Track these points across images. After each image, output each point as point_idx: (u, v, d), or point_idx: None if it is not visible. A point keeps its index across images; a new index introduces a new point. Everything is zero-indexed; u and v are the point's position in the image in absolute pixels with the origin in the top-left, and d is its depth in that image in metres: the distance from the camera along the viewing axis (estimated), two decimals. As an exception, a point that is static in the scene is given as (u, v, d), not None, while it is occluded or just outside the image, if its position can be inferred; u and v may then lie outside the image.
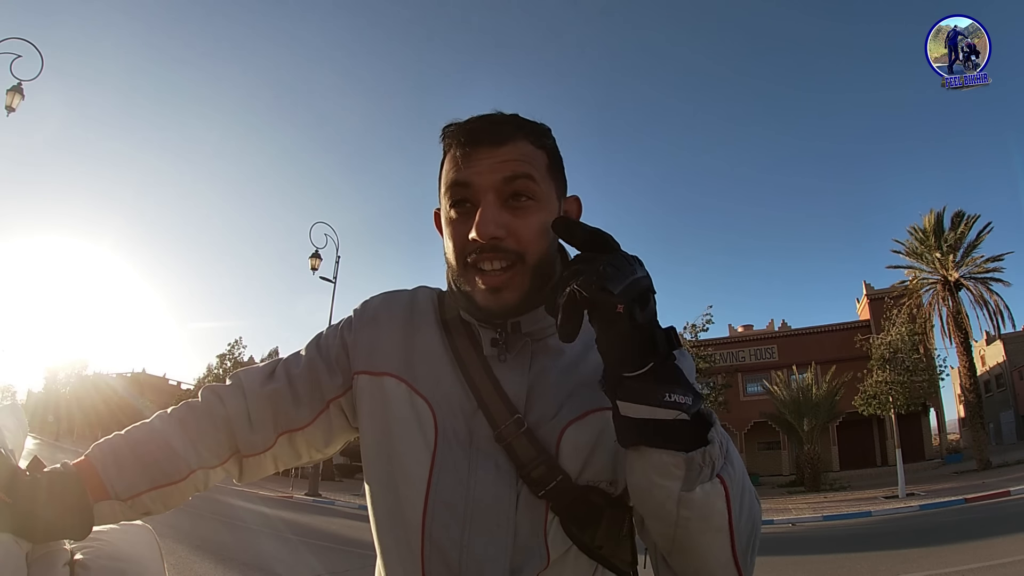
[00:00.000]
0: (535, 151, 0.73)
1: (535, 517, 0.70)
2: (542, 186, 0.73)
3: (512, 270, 0.70)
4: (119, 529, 0.77)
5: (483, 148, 0.71)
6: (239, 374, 0.84)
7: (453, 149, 0.73)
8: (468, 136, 0.72)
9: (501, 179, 0.70)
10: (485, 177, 0.70)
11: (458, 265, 0.73)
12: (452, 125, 0.75)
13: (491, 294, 0.71)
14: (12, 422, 0.73)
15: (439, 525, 0.70)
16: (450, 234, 0.74)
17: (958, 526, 9.06)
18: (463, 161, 0.71)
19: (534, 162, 0.73)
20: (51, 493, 0.65)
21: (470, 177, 0.71)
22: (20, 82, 9.76)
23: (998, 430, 32.96)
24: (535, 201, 0.72)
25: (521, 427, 0.70)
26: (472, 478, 0.70)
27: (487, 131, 0.72)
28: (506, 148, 0.71)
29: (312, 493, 19.10)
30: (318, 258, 18.51)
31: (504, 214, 0.70)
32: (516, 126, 0.73)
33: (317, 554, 7.66)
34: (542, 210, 0.72)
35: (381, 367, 0.77)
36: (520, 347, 0.75)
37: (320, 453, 0.85)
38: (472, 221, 0.70)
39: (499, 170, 0.70)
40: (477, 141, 0.71)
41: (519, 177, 0.71)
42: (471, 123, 0.74)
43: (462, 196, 0.72)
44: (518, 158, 0.71)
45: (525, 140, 0.73)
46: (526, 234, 0.70)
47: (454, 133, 0.74)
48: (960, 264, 23.08)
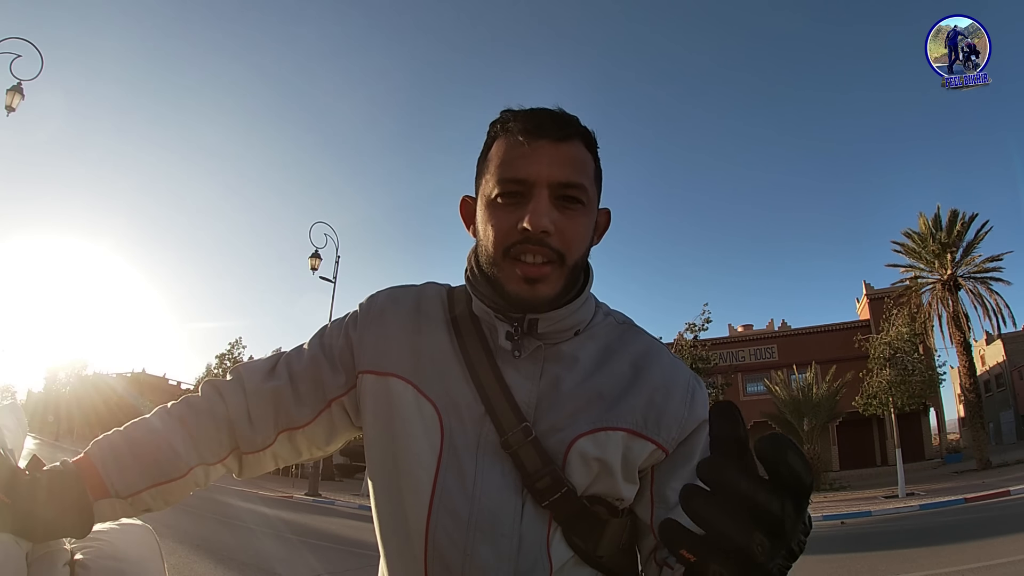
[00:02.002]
0: (588, 156, 0.74)
1: (539, 526, 0.69)
2: (590, 192, 0.73)
3: (551, 266, 0.70)
4: (119, 529, 0.77)
5: (546, 140, 0.70)
6: (240, 369, 0.83)
7: (511, 135, 0.72)
8: (533, 126, 0.71)
9: (558, 180, 0.70)
10: (544, 172, 0.69)
11: (496, 252, 0.71)
12: (512, 111, 0.74)
13: (527, 284, 0.70)
14: (12, 422, 0.73)
15: (443, 532, 0.69)
16: (493, 221, 0.71)
17: (958, 526, 9.05)
18: (524, 150, 0.70)
19: (586, 167, 0.73)
20: (51, 492, 0.65)
21: (529, 168, 0.70)
22: (20, 82, 9.77)
23: (998, 430, 32.94)
24: (583, 206, 0.72)
25: (528, 436, 0.69)
26: (477, 485, 0.69)
27: (551, 125, 0.71)
28: (566, 145, 0.71)
29: (312, 493, 19.09)
30: (318, 258, 18.50)
31: (555, 212, 0.69)
32: (575, 126, 0.73)
33: (317, 554, 7.65)
34: (587, 215, 0.73)
35: (387, 367, 0.76)
36: (533, 350, 0.73)
37: (321, 451, 0.84)
38: (520, 211, 0.69)
39: (558, 168, 0.70)
40: (541, 133, 0.70)
41: (573, 185, 0.70)
42: (534, 113, 0.73)
43: (517, 187, 0.70)
44: (575, 160, 0.71)
45: (581, 142, 0.73)
46: (571, 236, 0.70)
47: (517, 119, 0.72)
48: (959, 263, 23.09)
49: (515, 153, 0.71)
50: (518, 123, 0.72)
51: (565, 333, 0.74)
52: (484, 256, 0.73)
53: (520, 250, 0.69)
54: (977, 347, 31.84)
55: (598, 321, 0.78)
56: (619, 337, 0.77)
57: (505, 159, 0.71)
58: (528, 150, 0.70)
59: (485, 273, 0.74)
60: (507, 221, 0.70)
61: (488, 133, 0.76)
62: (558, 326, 0.73)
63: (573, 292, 0.74)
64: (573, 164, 0.71)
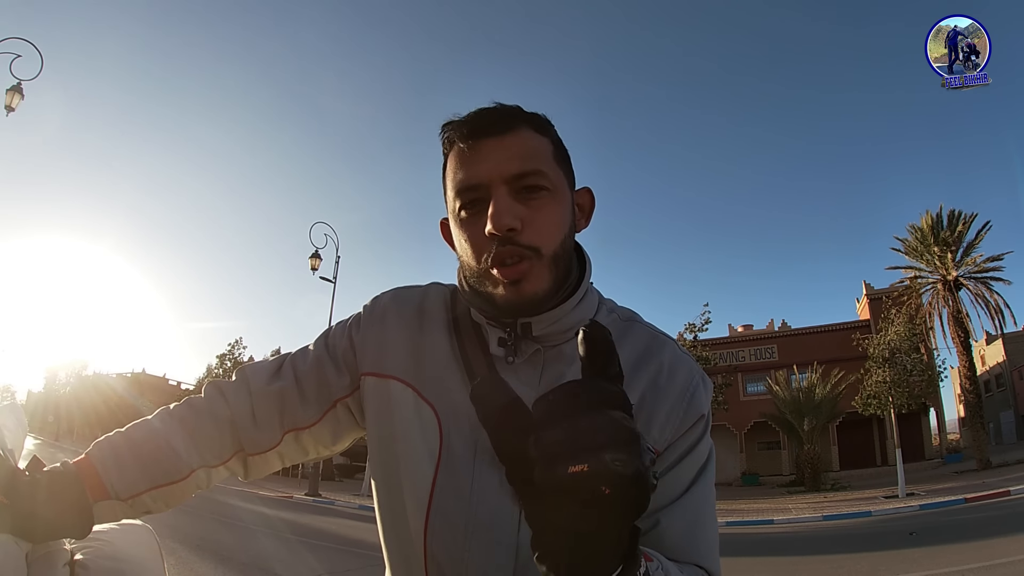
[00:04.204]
0: (540, 140, 0.71)
1: None
2: (552, 176, 0.70)
3: (528, 262, 0.67)
4: (119, 529, 0.77)
5: (488, 139, 0.68)
6: (245, 370, 0.82)
7: (456, 145, 0.70)
8: (471, 129, 0.69)
9: (511, 173, 0.67)
10: (494, 169, 0.67)
11: (476, 265, 0.69)
12: (450, 122, 0.72)
13: (512, 287, 0.67)
14: (12, 422, 0.73)
15: (440, 538, 0.68)
16: (464, 235, 0.70)
17: (958, 526, 9.05)
18: (469, 155, 0.68)
19: (541, 152, 0.70)
20: (51, 493, 0.65)
21: (479, 171, 0.68)
22: (20, 82, 9.77)
23: (998, 430, 32.95)
24: (548, 191, 0.69)
25: None
26: (475, 493, 0.68)
27: (489, 122, 0.69)
28: (510, 137, 0.69)
29: (312, 493, 19.09)
30: (318, 258, 18.52)
31: (518, 206, 0.67)
32: (517, 115, 0.71)
33: (317, 554, 7.65)
34: (556, 200, 0.70)
35: (388, 369, 0.75)
36: (531, 354, 0.71)
37: (328, 450, 0.83)
38: (484, 217, 0.67)
39: (508, 162, 0.68)
40: (480, 133, 0.69)
41: (529, 173, 0.68)
42: (471, 116, 0.71)
43: (473, 194, 0.68)
44: (524, 149, 0.69)
45: (528, 128, 0.71)
46: (542, 226, 0.68)
47: (455, 128, 0.71)
48: (959, 263, 23.10)
49: (463, 160, 0.69)
50: (458, 130, 0.70)
51: (565, 334, 0.71)
52: (468, 272, 0.72)
53: (496, 255, 0.67)
54: (977, 347, 31.81)
55: (600, 319, 0.76)
56: (621, 335, 0.75)
57: (456, 170, 0.70)
58: (474, 154, 0.68)
59: (474, 288, 0.72)
60: (476, 231, 0.68)
61: (442, 152, 0.74)
62: (555, 327, 0.71)
63: (567, 287, 0.72)
64: (523, 153, 0.68)
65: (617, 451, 0.37)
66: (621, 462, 0.37)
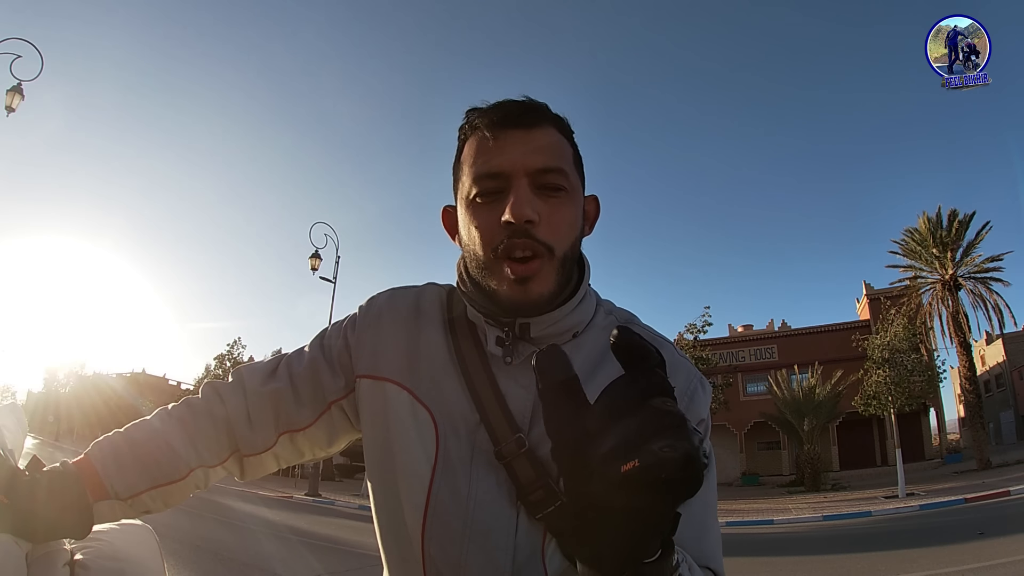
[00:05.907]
0: (563, 141, 0.71)
1: (534, 539, 0.66)
2: (571, 178, 0.70)
3: (540, 260, 0.66)
4: (119, 529, 0.77)
5: (515, 131, 0.68)
6: (241, 371, 0.82)
7: (479, 132, 0.69)
8: (500, 117, 0.68)
9: (535, 167, 0.67)
10: (518, 161, 0.67)
11: (485, 255, 0.68)
12: (476, 108, 0.71)
13: (519, 285, 0.66)
14: (12, 422, 0.73)
15: (438, 542, 0.67)
16: (476, 222, 0.68)
17: (958, 526, 9.05)
18: (493, 144, 0.68)
19: (563, 152, 0.70)
20: (50, 493, 0.65)
21: (502, 161, 0.67)
22: (20, 82, 9.77)
23: (998, 430, 32.94)
24: (566, 192, 0.69)
25: (522, 447, 0.66)
26: (472, 496, 0.67)
27: (518, 113, 0.69)
28: (537, 132, 0.69)
29: (312, 493, 19.09)
30: (318, 258, 18.52)
31: (537, 201, 0.67)
32: (545, 113, 0.71)
33: (317, 554, 7.65)
34: (572, 203, 0.70)
35: (383, 371, 0.74)
36: (528, 356, 0.70)
37: (324, 451, 0.83)
38: (501, 206, 0.66)
39: (533, 155, 0.67)
40: (509, 123, 0.68)
41: (552, 170, 0.68)
42: (501, 105, 0.70)
43: (492, 182, 0.67)
44: (550, 146, 0.69)
45: (554, 128, 0.70)
46: (558, 224, 0.67)
47: (481, 115, 0.70)
48: (959, 263, 23.11)
49: (487, 148, 0.68)
50: (485, 118, 0.69)
51: (563, 336, 0.71)
52: (472, 261, 0.71)
53: (509, 246, 0.66)
54: (977, 347, 31.84)
55: (598, 322, 0.75)
56: None
57: (478, 157, 0.69)
58: (499, 142, 0.68)
59: (475, 281, 0.71)
60: (489, 219, 0.67)
61: (458, 137, 0.73)
62: (553, 329, 0.70)
63: (568, 291, 0.72)
64: (548, 150, 0.68)
65: (663, 438, 0.37)
66: (670, 446, 0.37)
